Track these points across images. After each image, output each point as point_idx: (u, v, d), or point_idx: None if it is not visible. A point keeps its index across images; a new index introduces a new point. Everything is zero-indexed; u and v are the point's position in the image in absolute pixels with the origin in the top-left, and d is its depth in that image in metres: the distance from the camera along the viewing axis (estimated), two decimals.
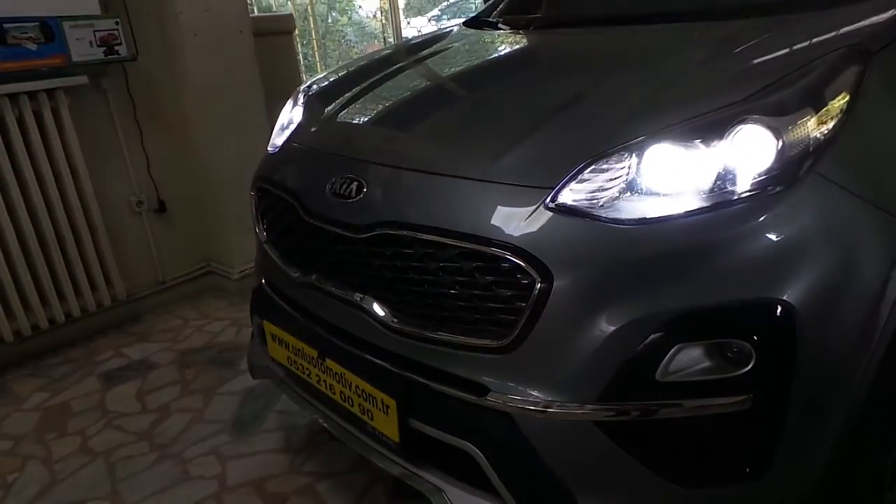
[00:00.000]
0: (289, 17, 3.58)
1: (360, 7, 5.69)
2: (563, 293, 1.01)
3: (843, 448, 1.06)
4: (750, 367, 0.96)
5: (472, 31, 2.02)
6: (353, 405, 1.30)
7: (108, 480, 1.74)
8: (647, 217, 1.01)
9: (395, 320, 1.20)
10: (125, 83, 2.55)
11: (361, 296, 1.25)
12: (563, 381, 1.04)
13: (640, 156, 1.04)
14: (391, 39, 4.98)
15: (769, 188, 0.99)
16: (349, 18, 5.70)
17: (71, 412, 2.08)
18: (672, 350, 0.98)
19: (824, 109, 1.04)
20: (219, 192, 2.75)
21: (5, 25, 2.09)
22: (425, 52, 1.83)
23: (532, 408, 1.06)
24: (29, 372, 2.35)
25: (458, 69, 1.70)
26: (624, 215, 1.01)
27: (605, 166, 1.05)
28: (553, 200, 1.04)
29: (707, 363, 0.98)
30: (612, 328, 1.00)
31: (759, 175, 0.98)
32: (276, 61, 3.18)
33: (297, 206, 1.38)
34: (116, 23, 2.37)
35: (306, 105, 1.72)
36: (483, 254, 1.06)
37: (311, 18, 4.82)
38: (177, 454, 1.83)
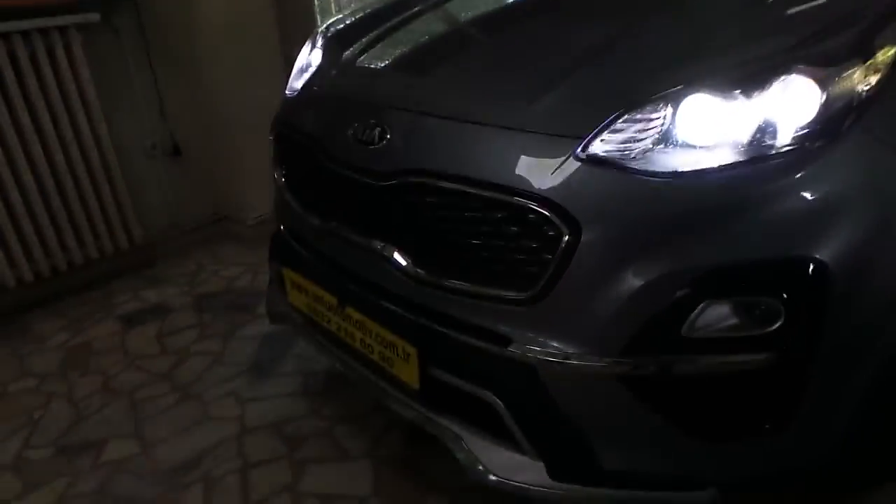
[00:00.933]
0: None
1: None
2: (591, 246, 0.99)
3: (865, 407, 1.06)
4: (778, 324, 0.95)
5: None
6: (373, 352, 1.31)
7: (132, 419, 1.78)
8: (681, 170, 0.98)
9: (418, 269, 1.19)
10: (137, 21, 2.49)
11: (383, 244, 1.24)
12: (588, 334, 1.04)
13: (675, 106, 1.00)
14: None
15: (809, 143, 0.96)
16: None
17: (93, 352, 2.12)
18: (700, 306, 0.97)
19: (871, 61, 0.99)
20: (234, 135, 2.71)
21: None
22: None
23: (553, 359, 1.06)
24: (50, 312, 2.38)
25: (482, 12, 1.63)
26: (657, 168, 0.98)
27: (638, 116, 1.02)
28: (584, 150, 1.01)
29: (735, 320, 0.97)
30: (640, 283, 0.98)
31: (801, 129, 0.95)
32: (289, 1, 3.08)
33: (318, 152, 1.36)
34: None
35: (325, 48, 1.67)
36: (509, 204, 1.04)
37: None
38: (197, 395, 1.86)
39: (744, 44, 1.08)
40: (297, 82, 1.64)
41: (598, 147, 1.01)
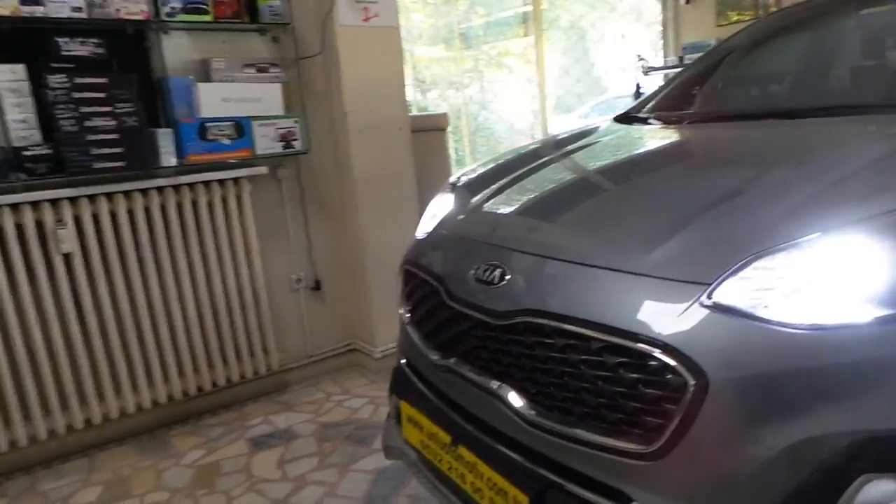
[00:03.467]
0: (443, 117, 3.84)
1: (509, 107, 5.98)
2: (721, 399, 0.92)
3: None
4: None
5: (622, 126, 2.03)
6: (483, 497, 1.25)
7: None
8: (822, 323, 0.90)
9: (533, 413, 1.16)
10: (297, 173, 2.86)
11: (499, 384, 1.23)
12: (720, 501, 0.93)
13: (815, 254, 0.95)
14: (539, 136, 5.15)
15: None
16: (500, 116, 6.01)
17: (220, 472, 2.21)
18: (857, 480, 0.84)
19: None
20: (368, 273, 2.91)
21: (207, 125, 2.45)
22: (573, 146, 1.86)
23: None
24: (189, 430, 2.56)
25: (606, 162, 1.70)
26: (795, 319, 0.91)
27: (771, 264, 0.97)
28: (710, 297, 0.97)
29: None
30: (781, 446, 0.89)
31: None
32: (429, 154, 3.40)
33: (440, 290, 1.42)
34: (296, 122, 2.69)
35: (455, 195, 1.79)
36: (630, 350, 1.00)
37: (462, 117, 5.16)
38: None
39: (887, 192, 1.02)
40: (427, 226, 1.76)
41: (725, 294, 0.97)
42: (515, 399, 1.19)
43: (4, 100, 2.10)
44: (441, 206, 1.80)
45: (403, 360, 1.68)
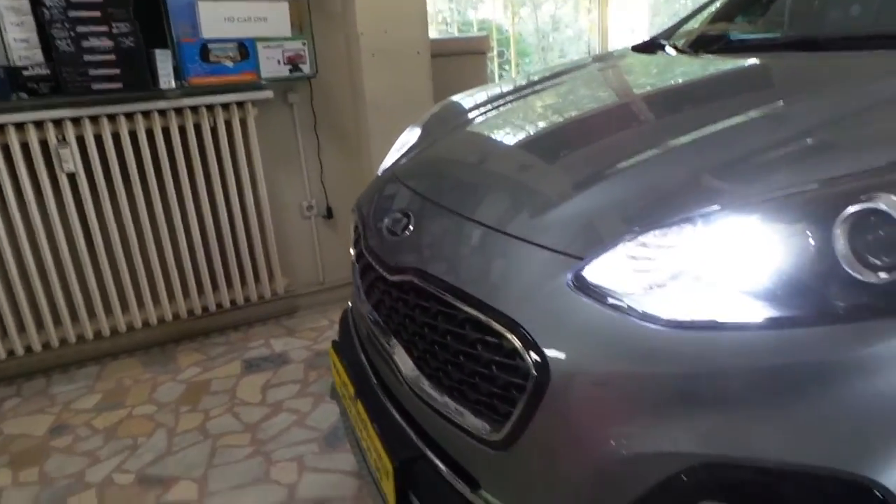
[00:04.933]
0: (483, 39, 3.58)
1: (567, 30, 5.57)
2: (564, 393, 0.80)
3: None
4: None
5: (633, 54, 1.78)
6: (371, 458, 1.20)
7: (205, 464, 1.88)
8: (701, 320, 0.74)
9: (414, 377, 1.07)
10: (310, 98, 2.78)
11: (393, 341, 1.15)
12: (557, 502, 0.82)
13: (706, 233, 0.78)
14: None
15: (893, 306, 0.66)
16: (562, 38, 5.64)
17: (208, 390, 2.31)
18: None
19: None
20: None
21: (209, 45, 2.40)
22: (559, 78, 1.65)
23: None
24: (195, 346, 2.68)
25: (569, 103, 1.49)
26: (666, 313, 0.76)
27: (657, 242, 0.80)
28: (576, 275, 0.83)
29: None
30: (622, 454, 0.76)
31: (882, 283, 0.66)
32: (465, 80, 3.21)
33: (361, 235, 1.33)
34: (304, 44, 2.58)
35: (422, 129, 1.67)
36: (482, 323, 0.89)
37: (511, 39, 4.87)
38: (268, 453, 1.91)
39: (842, 155, 0.82)
40: (386, 163, 1.65)
41: (595, 273, 0.82)
42: (401, 360, 1.11)
43: (5, 18, 2.14)
44: (406, 141, 1.67)
45: (350, 302, 1.62)
